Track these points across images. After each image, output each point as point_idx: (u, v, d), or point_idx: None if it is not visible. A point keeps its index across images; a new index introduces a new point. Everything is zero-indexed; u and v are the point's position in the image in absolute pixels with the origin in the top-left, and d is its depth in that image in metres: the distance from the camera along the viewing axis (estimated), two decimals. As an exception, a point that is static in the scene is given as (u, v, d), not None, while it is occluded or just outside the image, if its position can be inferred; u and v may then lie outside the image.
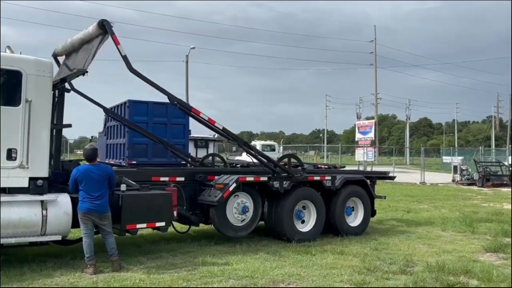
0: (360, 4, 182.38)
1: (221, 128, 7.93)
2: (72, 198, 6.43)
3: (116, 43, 6.69)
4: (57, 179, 6.69)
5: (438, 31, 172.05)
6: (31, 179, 6.30)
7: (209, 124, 7.84)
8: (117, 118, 10.96)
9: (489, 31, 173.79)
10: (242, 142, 8.38)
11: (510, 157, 33.03)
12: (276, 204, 8.41)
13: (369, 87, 65.05)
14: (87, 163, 6.41)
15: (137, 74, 6.92)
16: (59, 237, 6.39)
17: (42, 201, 6.23)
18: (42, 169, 6.41)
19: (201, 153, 16.89)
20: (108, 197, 6.38)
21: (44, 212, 6.18)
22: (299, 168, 9.21)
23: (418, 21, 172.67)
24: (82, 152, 7.21)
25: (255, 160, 8.80)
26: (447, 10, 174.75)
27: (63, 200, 6.41)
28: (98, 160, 6.79)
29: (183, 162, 10.82)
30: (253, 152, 8.39)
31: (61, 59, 8.05)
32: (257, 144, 35.82)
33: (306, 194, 8.76)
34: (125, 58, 6.76)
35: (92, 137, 18.86)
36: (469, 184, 24.57)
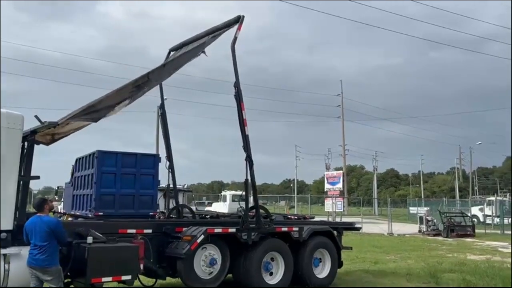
0: (328, 59, 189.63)
1: (246, 133, 8.20)
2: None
3: (239, 29, 8.25)
4: (22, 231, 6.57)
5: (402, 86, 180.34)
6: (-6, 232, 6.18)
7: (242, 123, 8.17)
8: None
9: (449, 86, 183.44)
10: (249, 158, 8.24)
11: (472, 208, 34.14)
12: (244, 256, 8.41)
13: (337, 138, 66.46)
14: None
15: (233, 52, 8.15)
16: (20, 292, 6.21)
17: (5, 255, 6.10)
18: (6, 222, 6.31)
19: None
20: (56, 250, 6.11)
21: (6, 266, 6.05)
22: (268, 219, 9.33)
23: (383, 76, 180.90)
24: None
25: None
26: (410, 66, 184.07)
27: (27, 254, 6.27)
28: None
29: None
30: (249, 172, 8.25)
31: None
32: (228, 194, 35.66)
33: (274, 245, 8.81)
34: (235, 39, 8.18)
35: (58, 187, 18.48)
36: (435, 235, 25.05)
